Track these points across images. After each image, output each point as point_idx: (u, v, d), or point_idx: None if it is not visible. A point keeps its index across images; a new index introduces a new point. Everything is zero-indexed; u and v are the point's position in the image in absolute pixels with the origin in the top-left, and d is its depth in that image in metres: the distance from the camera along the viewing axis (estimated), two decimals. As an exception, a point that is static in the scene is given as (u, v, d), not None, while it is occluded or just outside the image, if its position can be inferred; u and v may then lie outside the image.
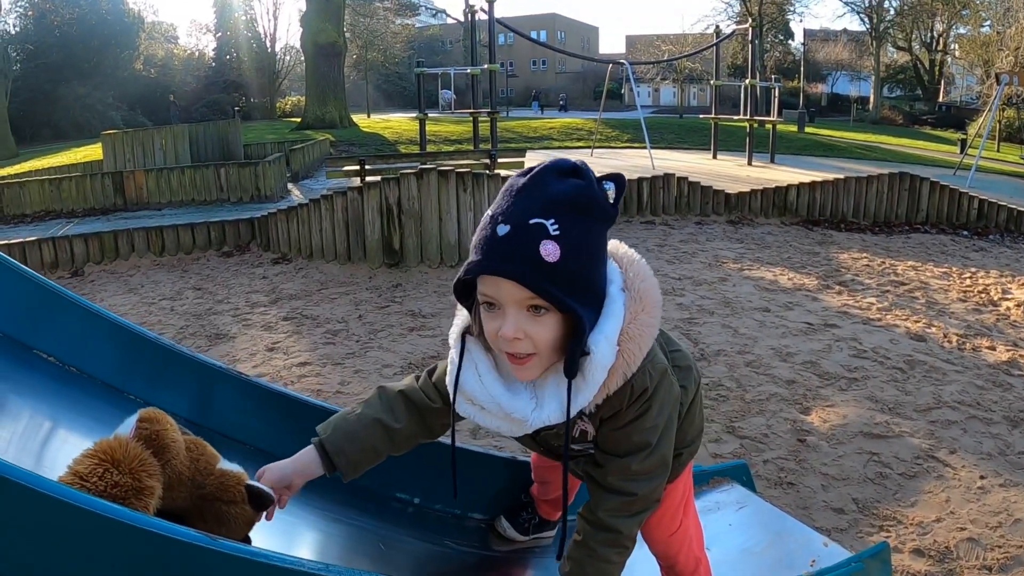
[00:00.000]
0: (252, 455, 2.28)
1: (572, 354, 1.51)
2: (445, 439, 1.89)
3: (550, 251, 1.43)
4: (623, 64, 22.31)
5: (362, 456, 1.86)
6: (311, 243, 8.57)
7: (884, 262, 8.86)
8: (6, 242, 8.56)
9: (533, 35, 66.74)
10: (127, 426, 1.72)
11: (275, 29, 54.05)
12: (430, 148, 20.26)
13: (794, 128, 31.54)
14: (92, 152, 22.78)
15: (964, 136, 29.02)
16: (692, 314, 6.50)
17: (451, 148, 22.31)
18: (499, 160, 10.20)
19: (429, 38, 64.59)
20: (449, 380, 1.70)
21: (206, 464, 1.83)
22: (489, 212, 1.52)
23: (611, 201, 1.54)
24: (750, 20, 24.41)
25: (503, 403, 1.61)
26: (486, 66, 17.35)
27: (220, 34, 54.27)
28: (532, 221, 1.45)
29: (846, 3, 51.66)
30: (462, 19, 19.16)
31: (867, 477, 3.86)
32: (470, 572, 2.30)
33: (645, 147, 18.99)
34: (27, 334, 2.46)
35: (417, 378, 1.93)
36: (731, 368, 5.27)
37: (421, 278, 7.71)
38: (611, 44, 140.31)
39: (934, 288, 7.71)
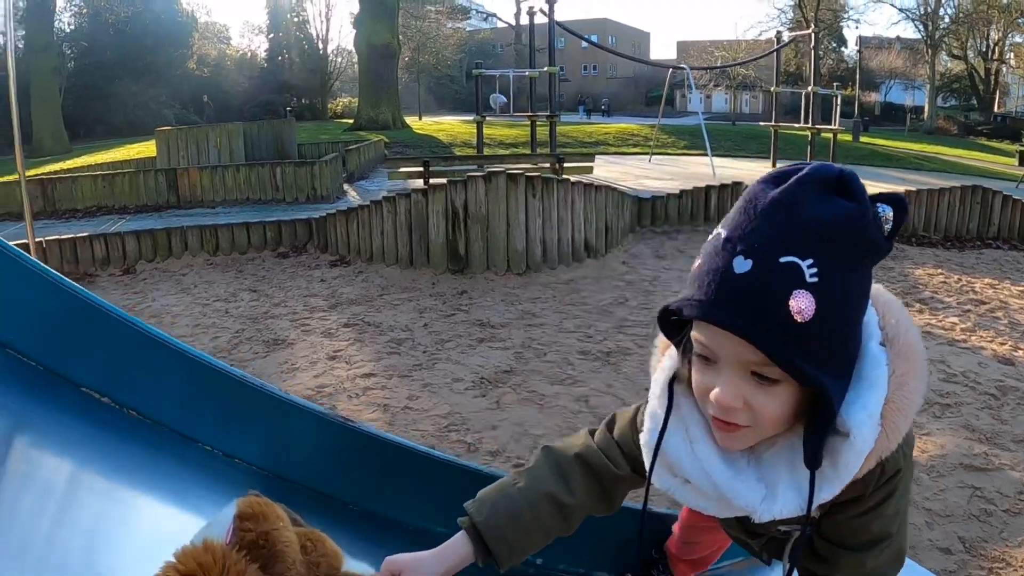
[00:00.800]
0: (341, 511, 1.94)
1: (817, 441, 1.11)
2: None
3: (803, 306, 1.03)
4: (683, 69, 21.86)
5: (528, 541, 1.45)
6: (371, 246, 8.24)
7: (960, 279, 8.37)
8: (57, 237, 8.33)
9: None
10: (220, 524, 1.27)
11: (327, 31, 54.28)
12: (486, 151, 19.97)
13: (850, 137, 30.92)
14: (145, 148, 22.79)
15: (1023, 148, 28.37)
16: None
17: (506, 152, 22.02)
18: (566, 164, 9.85)
19: (480, 42, 64.45)
20: (647, 441, 1.29)
21: (328, 570, 1.36)
22: (722, 231, 1.11)
23: (886, 233, 1.10)
24: (812, 27, 23.78)
25: (720, 483, 1.20)
26: (545, 69, 17.04)
27: (272, 35, 54.54)
28: (784, 260, 1.04)
29: (901, 10, 50.84)
30: (512, 23, 18.98)
31: (971, 514, 3.49)
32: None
33: (704, 154, 18.60)
34: (72, 367, 2.00)
35: (592, 432, 1.51)
36: None
37: (487, 285, 7.35)
38: (662, 50, 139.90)
39: (1014, 308, 7.21)
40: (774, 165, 19.88)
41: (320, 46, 53.92)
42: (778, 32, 22.33)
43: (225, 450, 1.98)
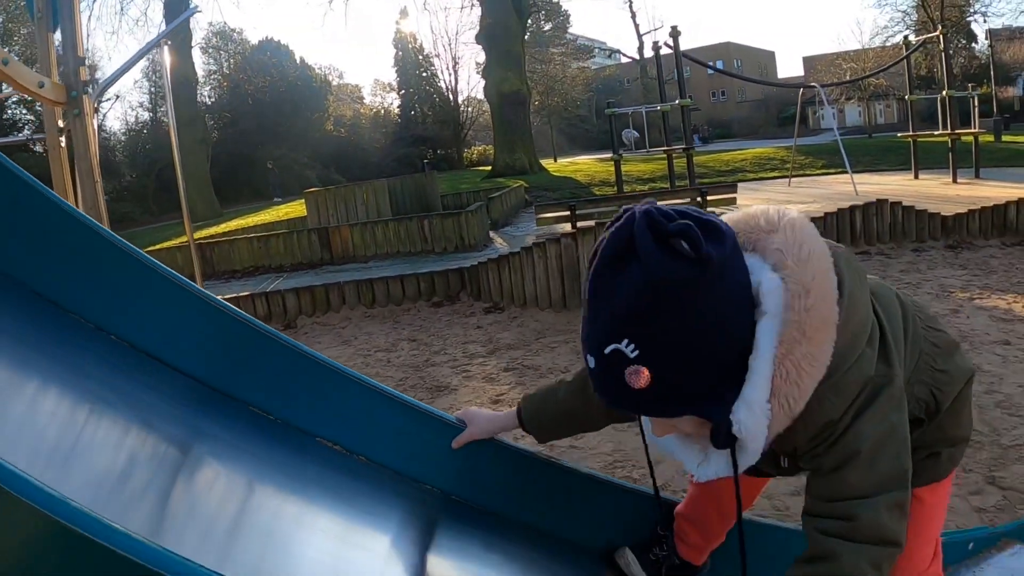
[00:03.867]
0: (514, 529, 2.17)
1: (715, 436, 1.32)
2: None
3: (636, 378, 1.23)
4: (815, 87, 21.40)
5: (557, 429, 2.06)
6: (524, 291, 8.42)
7: None
8: (221, 297, 8.78)
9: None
10: None
11: (455, 82, 55.34)
12: (625, 189, 20.03)
13: (991, 138, 29.50)
14: (293, 209, 23.72)
15: None
16: None
17: (645, 187, 22.03)
18: (709, 197, 9.85)
19: (606, 79, 64.66)
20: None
21: None
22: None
23: (700, 248, 1.18)
24: (939, 28, 22.92)
25: (671, 449, 1.53)
26: (677, 101, 17.05)
27: (403, 91, 56.07)
28: (607, 351, 1.24)
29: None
30: (636, 57, 19.03)
31: None
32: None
33: (844, 172, 18.13)
34: (304, 418, 2.21)
35: None
36: (980, 411, 4.69)
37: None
38: (789, 67, 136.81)
39: None
40: (916, 177, 19.27)
41: (450, 97, 55.16)
42: (905, 37, 21.57)
43: (398, 468, 2.20)
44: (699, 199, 9.79)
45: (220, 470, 1.91)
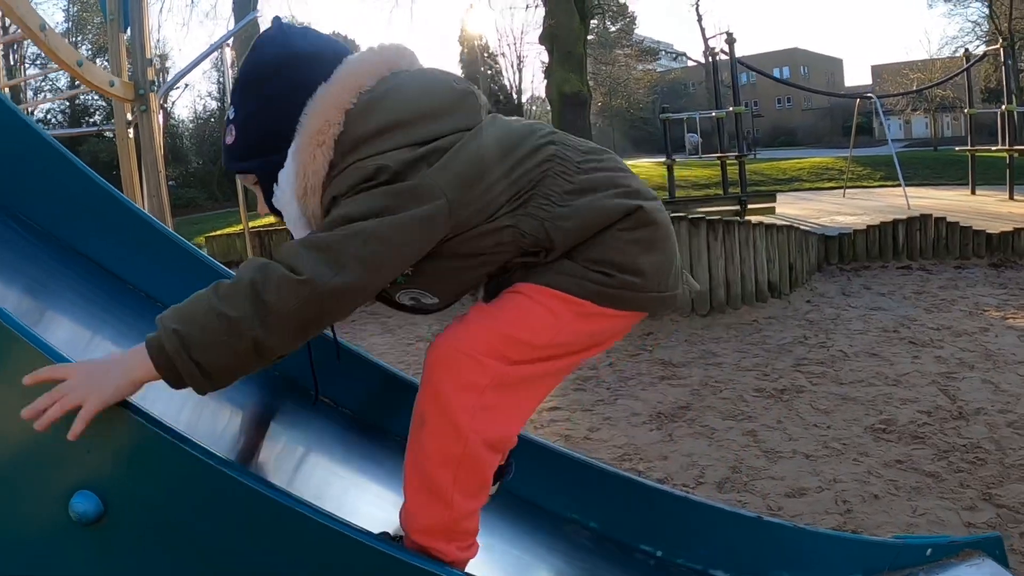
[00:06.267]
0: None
1: (265, 197, 1.73)
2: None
3: (229, 137, 1.70)
4: (871, 98, 21.15)
5: None
6: (561, 290, 8.64)
7: None
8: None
9: (775, 72, 64.69)
10: None
11: (519, 81, 55.65)
12: (679, 194, 20.12)
13: (1054, 155, 28.84)
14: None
15: None
16: (951, 368, 6.03)
17: (700, 193, 22.06)
18: (749, 205, 10.02)
19: (671, 82, 64.41)
20: None
21: None
22: None
23: (288, 41, 1.69)
24: (1001, 40, 22.56)
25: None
26: (731, 109, 17.13)
27: (469, 88, 56.37)
28: (228, 115, 1.73)
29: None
30: (702, 61, 19.04)
31: None
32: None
33: (899, 185, 17.98)
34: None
35: None
36: (991, 428, 4.80)
37: (672, 326, 7.63)
38: (857, 75, 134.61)
39: None
40: (973, 193, 19.06)
41: (515, 96, 55.44)
42: (966, 49, 21.23)
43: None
44: (738, 207, 9.97)
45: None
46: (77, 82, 5.43)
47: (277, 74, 1.65)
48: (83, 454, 1.40)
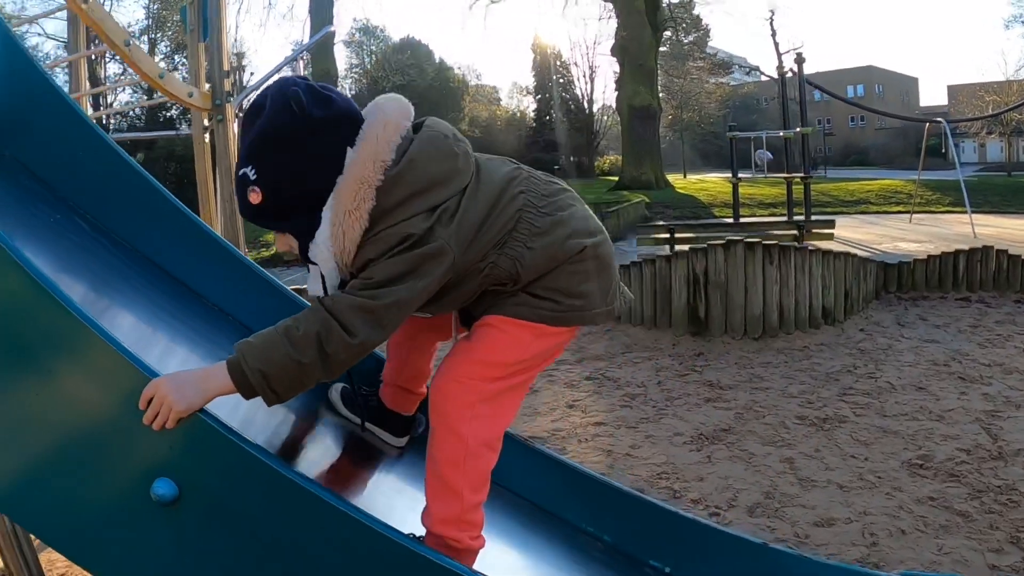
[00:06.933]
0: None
1: (302, 252, 1.91)
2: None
3: (254, 196, 1.84)
4: (940, 122, 20.80)
5: None
6: (619, 307, 8.78)
7: None
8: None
9: (849, 90, 63.34)
10: None
11: (591, 91, 55.57)
12: (744, 212, 20.11)
13: None
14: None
15: None
16: (997, 406, 5.94)
17: (765, 212, 21.99)
18: (808, 230, 10.06)
19: (744, 96, 63.83)
20: None
21: None
22: None
23: (305, 110, 1.81)
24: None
25: (307, 280, 1.99)
26: (798, 129, 17.09)
27: (540, 96, 56.58)
28: (240, 173, 1.85)
29: None
30: (775, 76, 18.94)
31: None
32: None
33: (966, 212, 17.70)
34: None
35: None
36: None
37: (723, 348, 7.75)
38: (932, 95, 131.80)
39: None
40: (1044, 222, 18.66)
41: (585, 106, 55.46)
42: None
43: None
44: (795, 231, 10.01)
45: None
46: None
47: (306, 141, 1.85)
48: (166, 448, 1.72)
